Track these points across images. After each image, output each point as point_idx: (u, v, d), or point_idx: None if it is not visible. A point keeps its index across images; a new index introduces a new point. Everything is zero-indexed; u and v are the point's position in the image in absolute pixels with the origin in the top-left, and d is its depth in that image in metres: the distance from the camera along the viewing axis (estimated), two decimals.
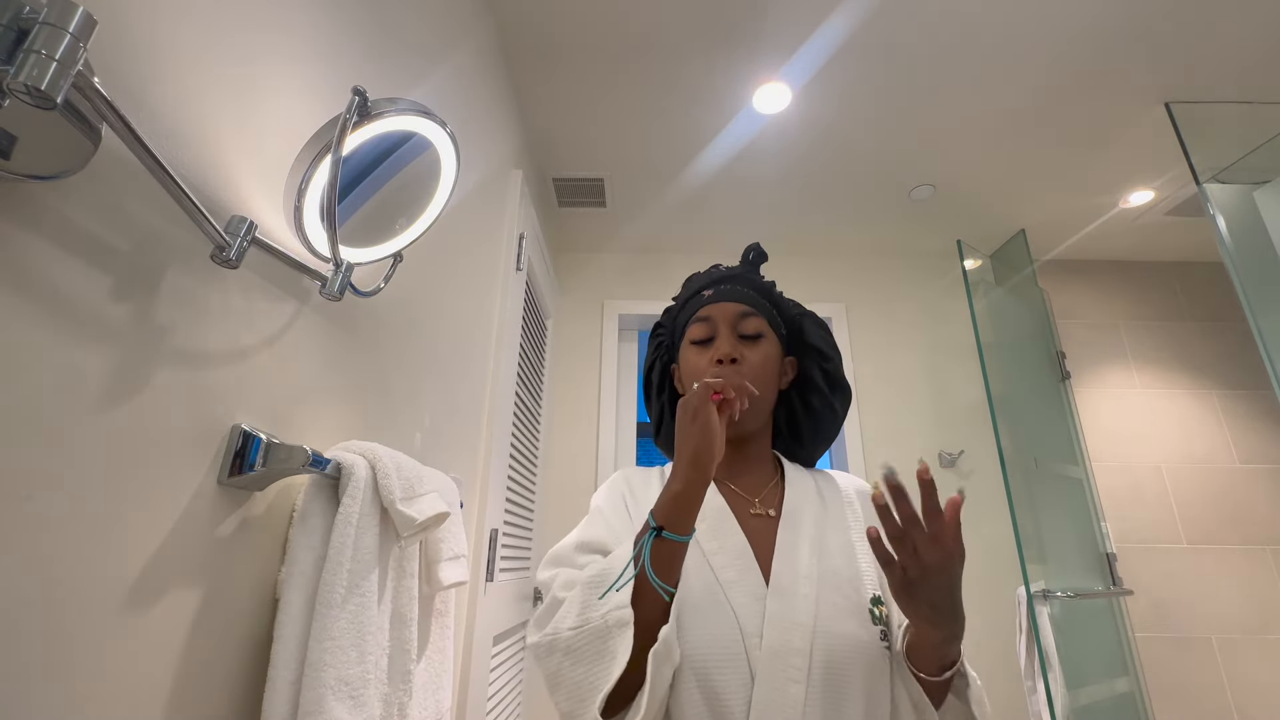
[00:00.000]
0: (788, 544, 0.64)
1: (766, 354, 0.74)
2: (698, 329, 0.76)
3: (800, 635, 0.57)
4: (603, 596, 0.55)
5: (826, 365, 0.79)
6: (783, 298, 0.82)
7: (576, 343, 2.42)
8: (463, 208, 1.22)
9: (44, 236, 0.38)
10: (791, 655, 0.56)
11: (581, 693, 0.53)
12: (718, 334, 0.74)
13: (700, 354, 0.74)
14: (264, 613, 0.58)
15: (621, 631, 0.52)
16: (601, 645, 0.53)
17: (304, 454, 0.55)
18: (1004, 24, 1.50)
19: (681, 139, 1.91)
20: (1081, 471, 2.18)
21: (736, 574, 0.62)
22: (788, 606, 0.59)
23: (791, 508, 0.69)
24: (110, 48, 0.41)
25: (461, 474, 1.21)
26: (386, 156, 0.64)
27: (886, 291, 2.54)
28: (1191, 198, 2.06)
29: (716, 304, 0.76)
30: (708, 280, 0.80)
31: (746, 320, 0.74)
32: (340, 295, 0.62)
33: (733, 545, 0.65)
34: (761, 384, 0.72)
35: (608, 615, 0.53)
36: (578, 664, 0.53)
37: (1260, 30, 1.51)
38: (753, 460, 0.75)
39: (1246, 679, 2.02)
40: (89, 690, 0.40)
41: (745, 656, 0.57)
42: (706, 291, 0.78)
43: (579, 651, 0.54)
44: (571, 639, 0.54)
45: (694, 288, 0.81)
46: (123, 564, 0.43)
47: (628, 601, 0.54)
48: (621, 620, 0.53)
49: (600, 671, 0.52)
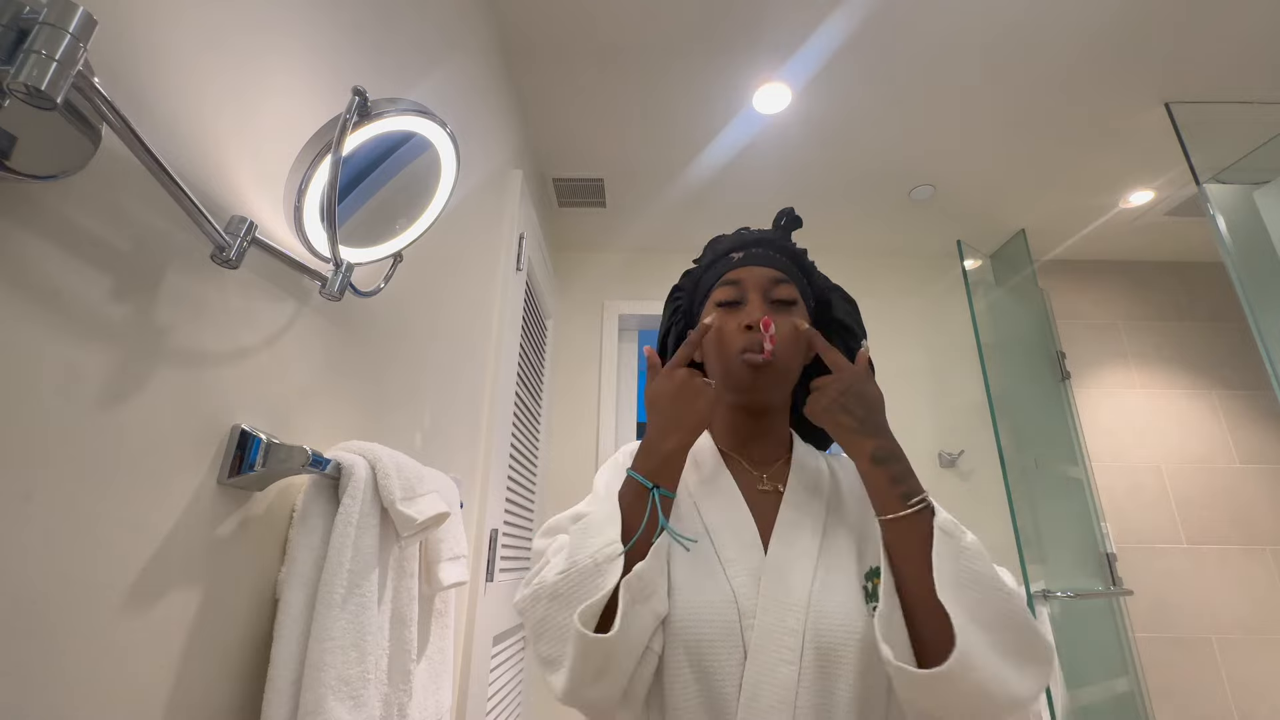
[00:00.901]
0: (789, 521, 0.63)
1: (797, 324, 0.70)
2: (725, 291, 0.72)
3: (794, 615, 0.57)
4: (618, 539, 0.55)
5: (853, 344, 0.75)
6: (815, 268, 0.78)
7: (576, 343, 2.42)
8: (463, 208, 1.22)
9: (44, 236, 0.38)
10: (784, 635, 0.56)
11: (566, 632, 0.52)
12: (747, 299, 0.70)
13: (729, 316, 0.70)
14: (264, 613, 0.58)
15: (611, 565, 0.52)
16: (590, 582, 0.52)
17: (304, 454, 0.55)
18: (1004, 24, 1.50)
19: (681, 139, 1.91)
20: (1081, 471, 2.18)
21: (736, 551, 0.61)
22: (782, 585, 0.58)
23: (797, 484, 0.68)
24: (110, 48, 0.41)
25: (461, 474, 1.21)
26: (386, 156, 0.64)
27: (886, 291, 2.54)
28: (1191, 198, 2.06)
29: (747, 268, 0.72)
30: (737, 242, 0.76)
31: (779, 287, 0.70)
32: (340, 295, 0.62)
33: (735, 522, 0.64)
34: (789, 353, 0.69)
35: (596, 553, 0.53)
36: (564, 606, 0.53)
37: (1260, 30, 1.51)
38: (768, 434, 0.73)
39: (1246, 679, 2.02)
40: (89, 690, 0.40)
41: (740, 635, 0.56)
42: (735, 254, 0.74)
43: (565, 594, 0.53)
44: (557, 582, 0.54)
45: (721, 249, 0.77)
46: (123, 564, 0.43)
47: (617, 537, 0.54)
48: (610, 555, 0.53)
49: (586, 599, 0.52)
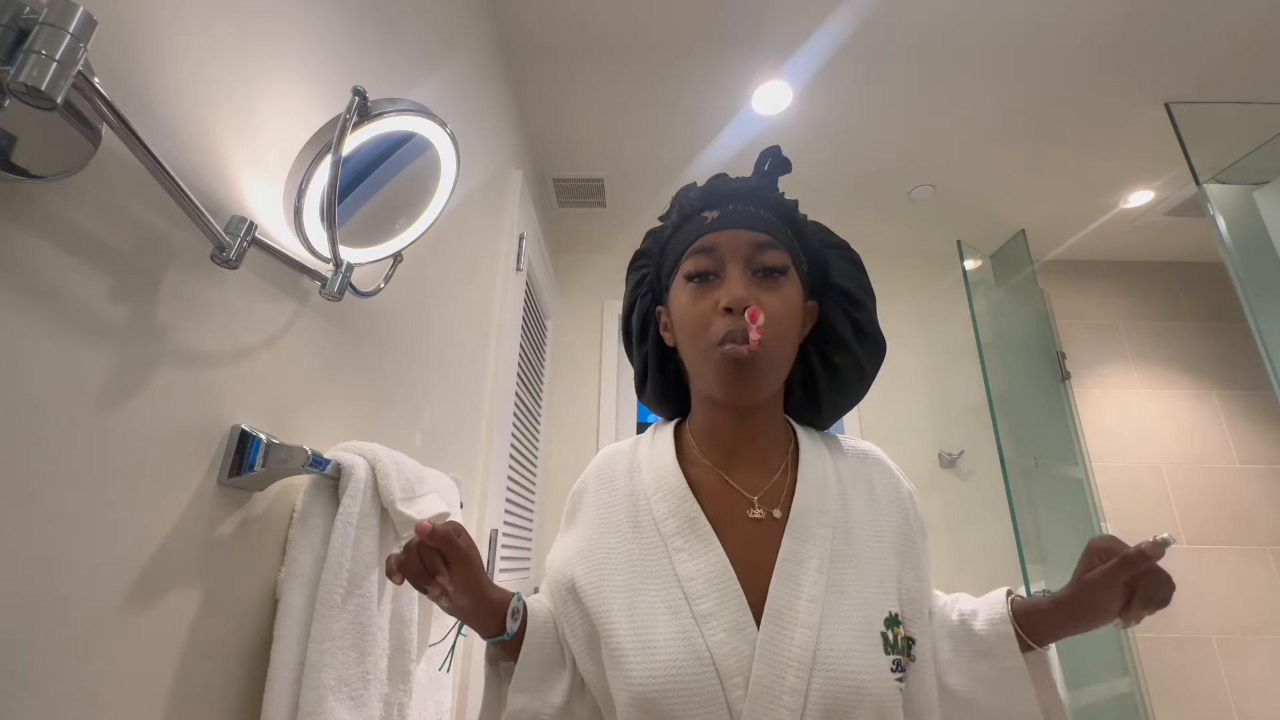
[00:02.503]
0: (791, 557, 0.52)
1: (789, 298, 0.57)
2: (697, 261, 0.58)
3: (795, 672, 0.48)
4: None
5: (857, 314, 0.63)
6: (808, 221, 0.64)
7: (576, 343, 2.42)
8: (463, 208, 1.22)
9: (44, 236, 0.38)
10: (782, 695, 0.47)
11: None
12: (725, 271, 0.57)
13: (700, 295, 0.58)
14: (264, 613, 0.58)
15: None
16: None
17: (304, 454, 0.55)
18: (1004, 24, 1.50)
19: (682, 139, 1.91)
20: (1081, 471, 2.18)
21: (713, 604, 0.50)
22: (783, 637, 0.49)
23: (802, 506, 0.56)
24: (110, 48, 0.41)
25: (461, 474, 1.21)
26: (386, 157, 0.64)
27: (886, 292, 2.50)
28: (1191, 198, 2.06)
29: (725, 230, 0.58)
30: (709, 197, 0.61)
31: (765, 253, 0.57)
32: (340, 295, 0.62)
33: (709, 568, 0.52)
34: (781, 339, 0.56)
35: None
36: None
37: (1260, 30, 1.51)
38: (758, 435, 0.60)
39: (1246, 679, 2.02)
40: (89, 690, 0.40)
41: (724, 701, 0.47)
42: (710, 213, 0.60)
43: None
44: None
45: (692, 205, 0.62)
46: (123, 564, 0.43)
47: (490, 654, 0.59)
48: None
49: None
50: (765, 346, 0.54)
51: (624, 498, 0.60)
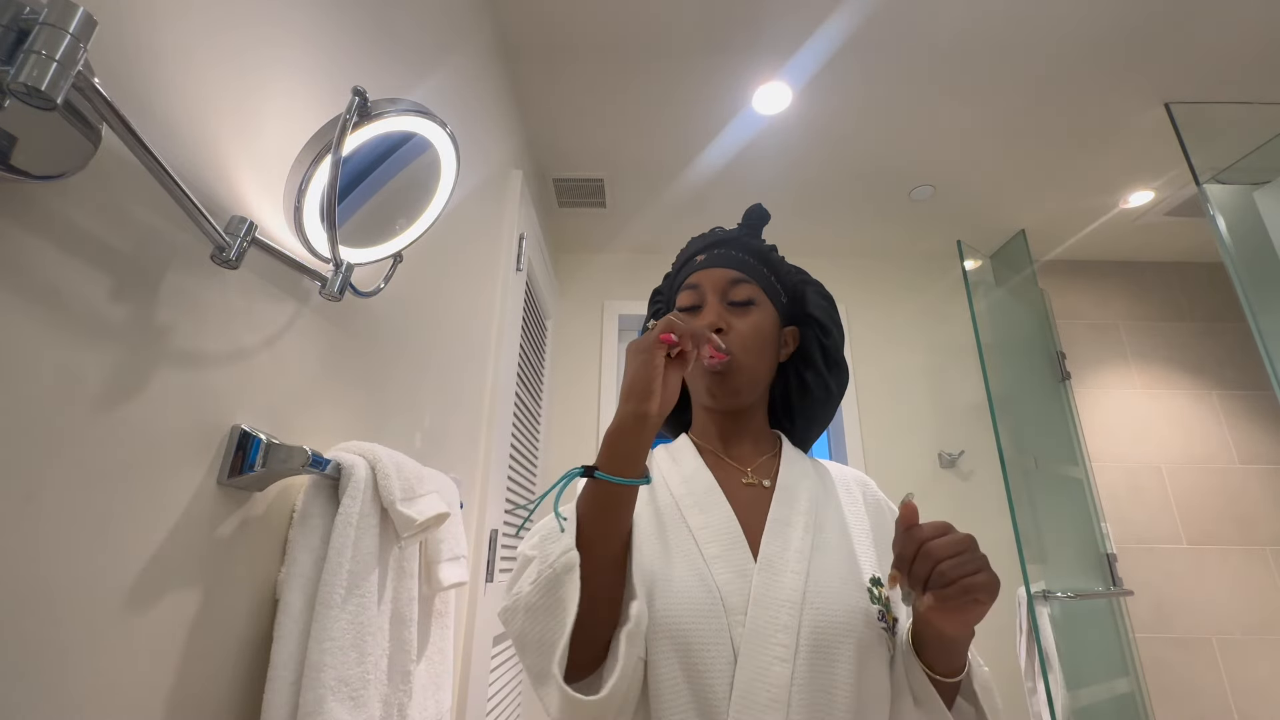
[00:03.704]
0: (780, 518, 0.62)
1: (757, 323, 0.70)
2: (686, 296, 0.72)
3: (787, 611, 0.55)
4: (563, 528, 0.53)
5: (826, 340, 0.74)
6: (784, 263, 0.78)
7: (576, 343, 2.42)
8: (463, 208, 1.22)
9: (44, 236, 0.38)
10: (776, 632, 0.54)
11: (544, 649, 0.50)
12: (705, 302, 0.71)
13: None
14: (264, 613, 0.58)
15: (568, 576, 0.50)
16: (555, 595, 0.50)
17: (304, 454, 0.55)
18: (1004, 24, 1.50)
19: (682, 139, 1.91)
20: (1081, 471, 2.18)
21: (720, 549, 0.59)
22: (775, 582, 0.57)
23: (787, 481, 0.66)
24: (111, 48, 0.41)
25: (461, 474, 1.21)
26: (386, 157, 0.64)
27: (886, 292, 2.54)
28: (1191, 198, 2.06)
29: (706, 270, 0.72)
30: (701, 244, 0.77)
31: (737, 287, 0.70)
32: (340, 296, 0.62)
33: (718, 519, 0.62)
34: (751, 354, 0.68)
35: (555, 562, 0.51)
36: (537, 620, 0.51)
37: (1260, 30, 1.51)
38: (746, 433, 0.72)
39: (1246, 679, 2.02)
40: (89, 690, 0.40)
41: (728, 634, 0.54)
42: (699, 257, 0.75)
43: (537, 608, 0.51)
44: (530, 595, 0.52)
45: (688, 253, 0.78)
46: (123, 564, 0.43)
47: (573, 544, 0.51)
48: (568, 564, 0.50)
49: (555, 625, 0.50)
50: (735, 358, 0.67)
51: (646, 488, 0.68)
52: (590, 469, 0.52)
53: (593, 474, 0.52)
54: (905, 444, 2.30)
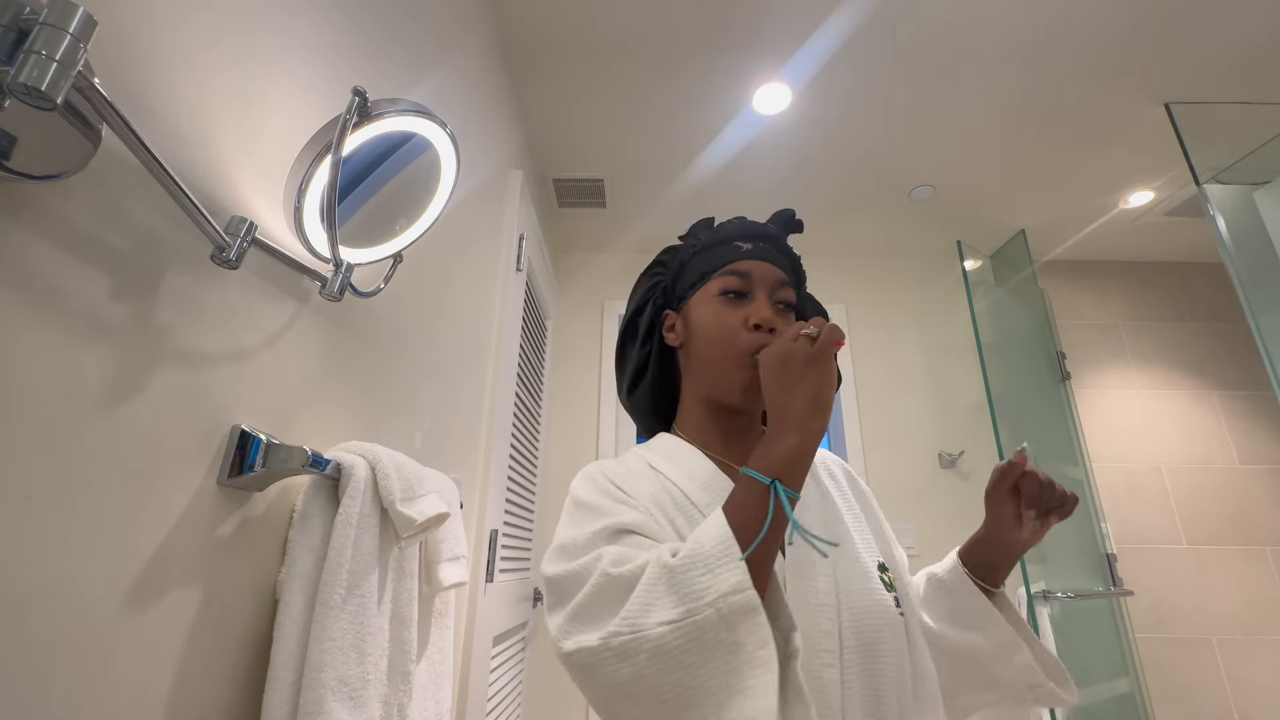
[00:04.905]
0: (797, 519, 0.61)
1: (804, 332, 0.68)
2: (731, 281, 0.66)
3: (827, 617, 0.53)
4: (741, 556, 0.43)
5: None
6: (804, 276, 0.76)
7: (576, 343, 2.42)
8: (463, 208, 1.22)
9: (44, 236, 0.38)
10: (821, 638, 0.52)
11: (674, 705, 0.42)
12: (753, 294, 0.66)
13: (732, 309, 0.65)
14: (264, 613, 0.58)
15: (745, 620, 0.41)
16: (713, 640, 0.42)
17: (304, 454, 0.55)
18: (1004, 24, 1.50)
19: (682, 139, 1.91)
20: (1081, 471, 2.18)
21: None
22: (811, 588, 0.55)
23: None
24: (110, 48, 0.41)
25: (461, 474, 1.21)
26: (386, 157, 0.64)
27: (886, 292, 2.53)
28: (1191, 198, 2.06)
29: (756, 261, 0.67)
30: (743, 231, 0.71)
31: (783, 289, 0.67)
32: (340, 296, 0.62)
33: None
34: None
35: (720, 601, 0.42)
36: (673, 668, 0.42)
37: (1260, 30, 1.51)
38: (746, 433, 0.69)
39: (1246, 679, 2.02)
40: (89, 690, 0.40)
41: None
42: (744, 245, 0.69)
43: (677, 652, 0.42)
44: (665, 637, 0.42)
45: (725, 235, 0.71)
46: (123, 564, 0.43)
47: (748, 583, 0.42)
48: (742, 607, 0.41)
49: (712, 672, 0.42)
50: None
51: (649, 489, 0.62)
52: (775, 484, 0.47)
53: (781, 493, 0.46)
54: (905, 444, 2.30)
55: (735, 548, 0.44)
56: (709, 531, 0.46)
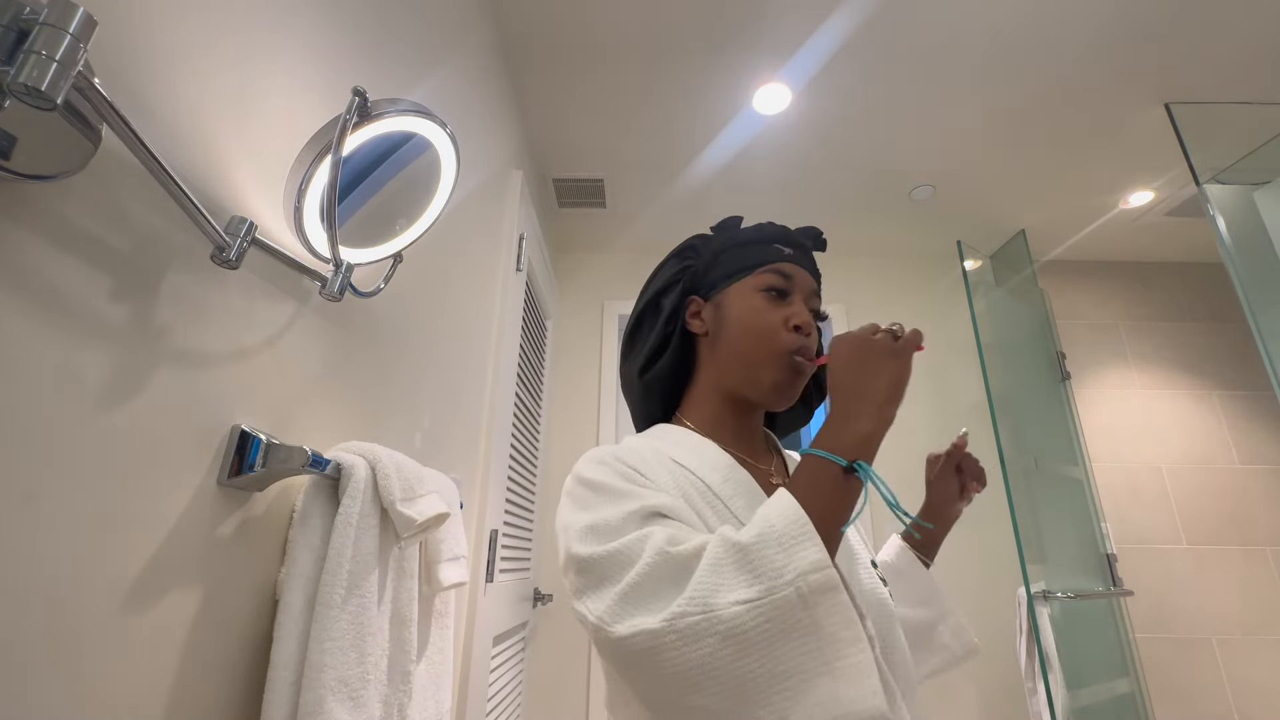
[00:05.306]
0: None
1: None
2: (775, 279, 0.67)
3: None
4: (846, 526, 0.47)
5: (821, 375, 0.75)
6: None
7: (576, 343, 2.42)
8: (463, 208, 1.22)
9: (44, 236, 0.38)
10: None
11: (752, 688, 0.40)
12: (793, 298, 0.67)
13: (773, 307, 0.66)
14: (264, 613, 0.58)
15: (827, 600, 0.40)
16: (790, 620, 0.40)
17: (304, 454, 0.55)
18: (1004, 24, 1.50)
19: (682, 139, 1.91)
20: (1081, 471, 2.18)
21: None
22: None
23: None
24: (110, 48, 0.41)
25: (461, 474, 1.21)
26: (386, 157, 0.64)
27: (886, 291, 2.53)
28: (1191, 198, 2.06)
29: (798, 266, 0.69)
30: (786, 236, 0.73)
31: (816, 299, 0.70)
32: (340, 296, 0.62)
33: None
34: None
35: (799, 579, 0.40)
36: (747, 651, 0.40)
37: (1260, 30, 1.51)
38: (756, 429, 0.71)
39: (1246, 679, 2.02)
40: (89, 690, 0.40)
41: None
42: (785, 249, 0.71)
43: (753, 634, 0.40)
44: (741, 617, 0.40)
45: (768, 235, 0.72)
46: (123, 564, 0.43)
47: (828, 561, 0.41)
48: (822, 585, 0.40)
49: (786, 655, 0.40)
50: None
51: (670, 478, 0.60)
52: (851, 467, 0.48)
53: (858, 472, 0.48)
54: (905, 444, 2.29)
55: (809, 525, 0.43)
56: (777, 508, 0.45)
